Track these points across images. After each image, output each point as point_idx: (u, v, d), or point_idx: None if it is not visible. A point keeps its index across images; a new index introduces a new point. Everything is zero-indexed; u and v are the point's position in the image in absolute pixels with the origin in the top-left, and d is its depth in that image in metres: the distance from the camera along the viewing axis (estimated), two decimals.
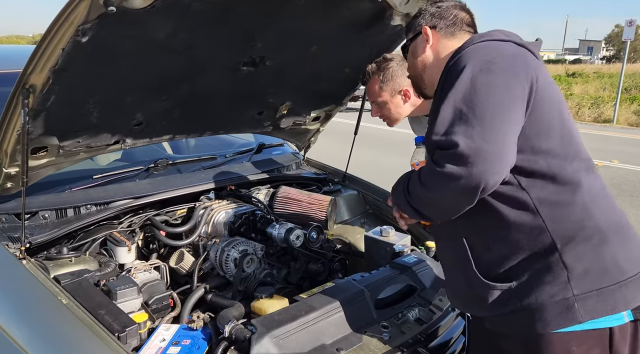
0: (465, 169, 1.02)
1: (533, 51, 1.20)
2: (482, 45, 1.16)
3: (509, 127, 1.06)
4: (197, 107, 1.86)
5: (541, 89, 1.12)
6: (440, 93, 1.15)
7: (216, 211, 1.93)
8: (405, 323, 1.52)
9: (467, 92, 1.07)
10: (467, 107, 1.06)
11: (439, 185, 1.09)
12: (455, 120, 1.07)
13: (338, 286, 1.60)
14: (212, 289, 1.69)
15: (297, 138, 2.54)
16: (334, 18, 1.74)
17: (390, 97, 1.72)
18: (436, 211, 1.20)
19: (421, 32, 1.34)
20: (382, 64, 1.76)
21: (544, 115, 1.13)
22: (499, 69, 1.09)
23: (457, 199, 1.10)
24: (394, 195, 1.30)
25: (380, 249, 1.94)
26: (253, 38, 1.64)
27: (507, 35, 1.22)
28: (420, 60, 1.35)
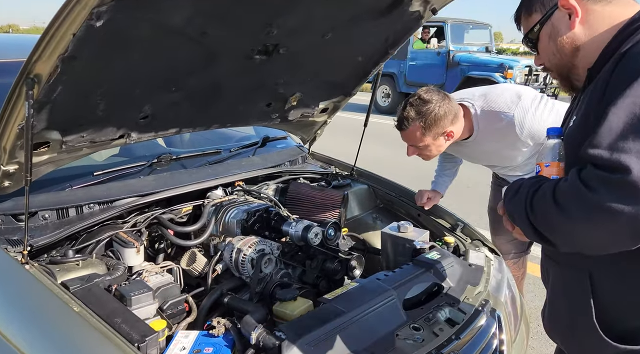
0: (632, 207, 0.76)
1: None
2: None
3: None
4: (206, 99, 1.75)
5: None
6: (608, 87, 0.86)
7: (227, 208, 1.83)
8: (436, 324, 1.45)
9: None
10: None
11: (584, 216, 0.82)
12: (630, 132, 0.78)
13: (364, 286, 1.53)
14: (228, 292, 1.59)
15: (303, 130, 2.45)
16: (354, 3, 1.65)
17: (433, 141, 1.59)
18: (569, 244, 0.91)
19: (558, 6, 0.99)
20: (422, 107, 1.59)
21: None
22: None
23: (607, 239, 0.83)
24: (510, 204, 1.00)
25: (398, 246, 1.87)
26: (270, 23, 1.53)
27: None
28: (568, 42, 1.00)
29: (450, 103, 1.61)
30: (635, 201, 0.76)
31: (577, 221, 0.84)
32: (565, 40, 1.01)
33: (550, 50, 1.05)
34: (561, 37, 1.01)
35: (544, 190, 0.90)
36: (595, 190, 0.80)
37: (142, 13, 1.16)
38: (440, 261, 1.68)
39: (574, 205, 0.83)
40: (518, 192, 0.97)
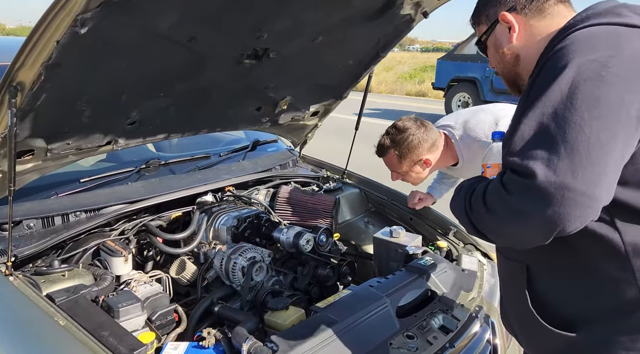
0: (538, 208, 0.82)
1: None
2: (595, 32, 0.88)
3: (611, 161, 0.82)
4: (195, 104, 1.73)
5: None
6: (526, 96, 0.91)
7: (217, 214, 1.80)
8: (430, 331, 1.44)
9: (562, 105, 0.83)
10: (558, 126, 0.82)
11: (503, 215, 0.88)
12: (537, 140, 0.84)
13: (356, 294, 1.51)
14: (218, 301, 1.57)
15: (294, 134, 2.42)
16: (342, 7, 1.62)
17: (409, 168, 1.61)
18: (500, 239, 0.99)
19: (498, 21, 1.07)
20: (397, 136, 1.64)
21: None
22: (614, 78, 0.82)
23: (523, 236, 0.90)
24: (454, 203, 1.05)
25: (391, 251, 1.86)
26: (260, 28, 1.51)
27: (637, 12, 0.91)
28: (509, 53, 1.08)
29: (426, 132, 1.63)
30: (540, 202, 0.82)
31: (500, 220, 0.90)
32: (507, 52, 1.09)
33: (495, 59, 1.13)
34: (502, 48, 1.09)
35: (478, 191, 0.96)
36: (511, 193, 0.86)
37: (128, 19, 1.13)
38: (434, 267, 1.67)
39: (497, 206, 0.90)
40: (459, 193, 1.04)
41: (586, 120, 0.81)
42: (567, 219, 0.81)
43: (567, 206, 0.80)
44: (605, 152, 0.81)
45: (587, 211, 0.81)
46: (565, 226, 0.82)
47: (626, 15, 0.91)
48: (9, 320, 1.24)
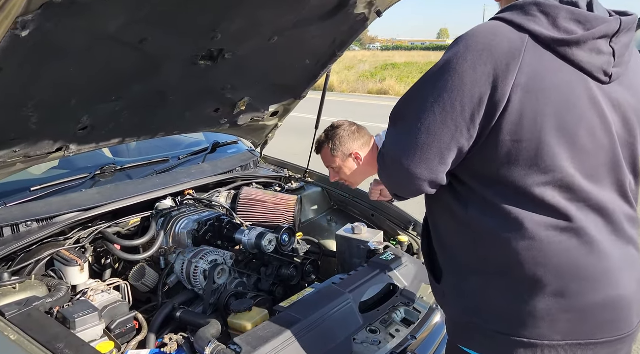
0: (384, 172, 1.04)
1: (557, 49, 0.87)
2: (486, 28, 0.91)
3: (436, 149, 0.92)
4: (150, 107, 1.69)
5: (516, 113, 0.86)
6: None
7: (176, 219, 1.77)
8: (393, 324, 1.47)
9: (422, 90, 0.94)
10: (412, 108, 0.96)
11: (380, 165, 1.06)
12: (399, 115, 1.00)
13: (319, 292, 1.52)
14: (180, 306, 1.54)
15: (254, 135, 2.41)
16: (297, 8, 1.63)
17: (342, 162, 1.70)
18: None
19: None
20: (330, 132, 1.74)
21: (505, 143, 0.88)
22: (463, 79, 0.87)
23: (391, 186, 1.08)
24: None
25: (353, 248, 1.88)
26: (213, 29, 1.49)
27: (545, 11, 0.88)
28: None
29: (358, 131, 1.75)
30: (384, 168, 1.03)
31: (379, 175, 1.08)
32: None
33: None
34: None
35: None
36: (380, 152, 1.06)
37: (73, 21, 1.10)
38: (395, 261, 1.70)
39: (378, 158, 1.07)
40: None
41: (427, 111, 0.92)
42: (399, 186, 1.03)
43: (398, 176, 0.99)
44: (432, 141, 0.92)
45: (412, 184, 0.97)
46: (399, 191, 1.04)
47: (531, 15, 0.89)
48: None
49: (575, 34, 0.88)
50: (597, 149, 0.91)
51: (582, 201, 0.91)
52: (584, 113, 0.89)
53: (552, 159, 0.88)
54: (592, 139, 0.90)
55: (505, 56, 0.86)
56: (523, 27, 0.88)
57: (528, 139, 0.87)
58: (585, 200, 0.91)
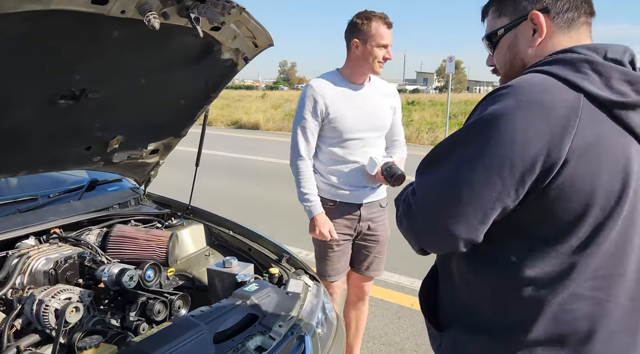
0: (410, 224, 0.95)
1: (613, 111, 0.83)
2: (536, 82, 0.85)
3: (479, 205, 0.85)
4: (5, 145, 1.67)
5: (570, 177, 0.82)
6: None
7: (34, 258, 1.73)
8: (245, 352, 1.52)
9: (464, 142, 0.87)
10: (451, 158, 0.89)
11: (400, 217, 0.99)
12: (434, 163, 0.93)
13: (174, 324, 1.55)
14: (27, 348, 1.50)
15: (135, 172, 2.42)
16: (160, 52, 1.72)
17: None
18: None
19: (527, 19, 0.95)
20: None
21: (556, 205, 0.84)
22: (515, 136, 0.81)
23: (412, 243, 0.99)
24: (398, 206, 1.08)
25: (224, 281, 1.93)
26: (71, 70, 1.54)
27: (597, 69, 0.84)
28: (521, 58, 0.98)
29: None
30: (411, 221, 0.94)
31: (398, 218, 1.00)
32: (520, 56, 0.99)
33: (504, 59, 1.03)
34: (518, 50, 0.99)
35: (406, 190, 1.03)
36: (403, 203, 0.98)
37: None
38: (257, 292, 1.77)
39: (402, 211, 0.99)
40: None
41: (472, 164, 0.85)
42: (426, 242, 0.94)
43: (427, 232, 0.92)
44: (475, 198, 0.85)
45: (445, 241, 0.90)
46: (427, 247, 0.95)
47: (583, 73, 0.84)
48: None
49: (629, 95, 0.83)
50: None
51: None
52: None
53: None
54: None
55: (562, 117, 0.81)
56: (578, 86, 0.83)
57: (576, 208, 0.84)
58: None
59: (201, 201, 2.58)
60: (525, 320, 0.89)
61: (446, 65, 13.38)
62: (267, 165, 9.14)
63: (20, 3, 1.15)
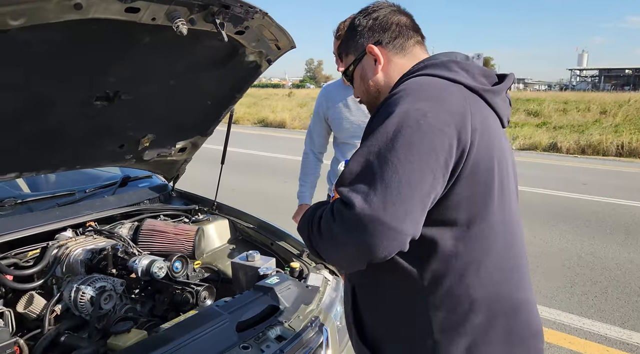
0: (354, 236, 0.90)
1: (488, 98, 1.04)
2: (424, 82, 1.01)
3: (418, 199, 0.91)
4: (47, 143, 1.80)
5: (475, 156, 0.96)
6: (365, 131, 1.01)
7: (72, 249, 1.85)
8: (266, 341, 1.60)
9: (385, 145, 0.92)
10: (379, 164, 0.92)
11: (328, 240, 0.96)
12: (362, 175, 0.93)
13: (200, 313, 1.64)
14: (66, 331, 1.62)
15: (164, 169, 2.54)
16: (188, 55, 1.81)
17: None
18: (328, 260, 1.04)
19: (366, 53, 1.16)
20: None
21: (468, 185, 0.97)
22: (429, 126, 0.92)
23: (344, 260, 0.99)
24: (300, 223, 1.11)
25: (246, 274, 2.01)
26: (105, 73, 1.64)
27: (465, 69, 1.04)
28: (373, 85, 1.17)
29: None
30: (354, 230, 0.90)
31: (326, 242, 0.98)
32: (371, 84, 1.18)
33: (361, 89, 1.22)
34: (368, 79, 1.18)
35: (318, 214, 1.03)
36: (335, 220, 0.94)
37: None
38: (279, 285, 1.84)
39: (325, 230, 0.97)
40: (305, 214, 1.11)
41: (402, 162, 0.90)
42: (376, 248, 0.89)
43: (377, 236, 0.88)
44: (414, 192, 0.90)
45: (394, 243, 0.90)
46: (375, 254, 0.90)
47: (455, 71, 1.04)
48: None
49: (488, 85, 1.06)
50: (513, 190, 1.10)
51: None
52: (508, 156, 1.07)
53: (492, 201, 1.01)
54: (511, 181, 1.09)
55: (459, 105, 0.96)
56: (455, 80, 1.01)
57: (483, 182, 0.98)
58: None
59: (227, 197, 2.68)
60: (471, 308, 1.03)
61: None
62: (293, 163, 9.26)
63: (61, 13, 1.25)
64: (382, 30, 1.15)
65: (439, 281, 1.02)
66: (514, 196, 1.11)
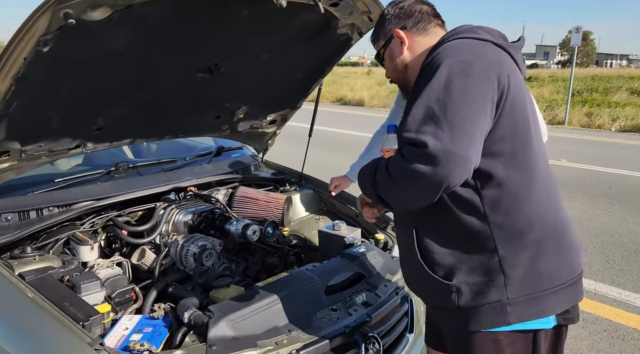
0: (431, 169, 1.06)
1: (512, 53, 1.24)
2: (460, 43, 1.19)
3: (477, 131, 1.09)
4: (156, 112, 1.96)
5: (511, 96, 1.15)
6: (415, 89, 1.18)
7: (176, 210, 2.03)
8: (353, 305, 1.66)
9: (441, 93, 1.10)
10: (440, 108, 1.08)
11: (404, 179, 1.12)
12: (426, 119, 1.09)
13: (291, 275, 1.73)
14: (173, 283, 1.79)
15: (255, 141, 2.66)
16: (282, 28, 1.87)
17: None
18: (398, 201, 1.24)
19: (393, 36, 1.37)
20: None
21: (510, 121, 1.16)
22: (475, 73, 1.11)
23: (419, 194, 1.14)
24: (361, 182, 1.31)
25: (332, 242, 2.08)
26: (207, 46, 1.76)
27: (488, 32, 1.24)
28: (400, 62, 1.37)
29: None
30: (431, 164, 1.06)
31: (400, 183, 1.15)
32: (398, 61, 1.38)
33: (390, 68, 1.43)
34: (396, 58, 1.39)
35: (381, 166, 1.21)
36: (408, 160, 1.10)
37: (85, 40, 1.38)
38: (365, 254, 1.89)
39: (396, 171, 1.14)
40: (365, 172, 1.29)
41: (459, 104, 1.09)
42: (451, 176, 1.07)
43: (450, 166, 1.06)
44: (473, 127, 1.09)
45: (464, 170, 1.08)
46: (451, 181, 1.07)
47: (481, 33, 1.25)
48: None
49: (509, 43, 1.26)
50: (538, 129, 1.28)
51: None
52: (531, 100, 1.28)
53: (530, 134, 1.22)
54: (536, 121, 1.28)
55: (494, 56, 1.18)
56: (485, 39, 1.22)
57: (520, 118, 1.19)
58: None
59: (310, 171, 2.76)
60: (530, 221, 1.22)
61: (571, 36, 12.21)
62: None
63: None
64: (407, 17, 1.36)
65: (497, 204, 1.19)
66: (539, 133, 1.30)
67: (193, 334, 1.44)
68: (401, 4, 1.38)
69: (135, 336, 1.46)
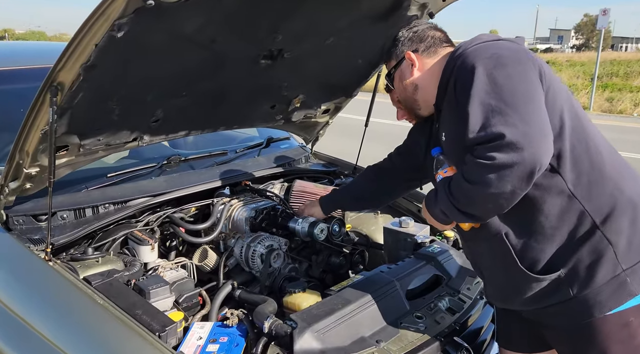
0: (518, 155, 1.03)
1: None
2: (480, 47, 1.21)
3: (540, 105, 1.10)
4: (214, 102, 1.84)
5: (548, 76, 1.18)
6: (457, 96, 1.18)
7: (235, 207, 1.90)
8: (438, 312, 1.54)
9: (489, 86, 1.10)
10: (495, 99, 1.08)
11: (492, 177, 1.06)
12: (488, 114, 1.08)
13: (368, 278, 1.61)
14: (239, 286, 1.67)
15: (306, 131, 2.53)
16: (352, 10, 1.73)
17: None
18: (489, 206, 1.15)
19: (404, 58, 1.41)
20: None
21: (556, 99, 1.17)
22: (510, 61, 1.13)
23: (513, 187, 1.07)
24: (436, 205, 1.25)
25: (400, 241, 1.95)
26: (275, 30, 1.61)
27: (498, 38, 1.28)
28: (410, 83, 1.42)
29: None
30: (516, 150, 1.03)
31: (489, 184, 1.08)
32: (407, 82, 1.43)
33: (400, 88, 1.47)
34: (405, 79, 1.43)
35: (455, 180, 1.19)
36: (492, 157, 1.06)
37: (157, 23, 1.24)
38: (441, 254, 1.76)
39: (480, 175, 1.09)
40: (437, 195, 1.25)
41: (511, 88, 1.09)
42: (539, 154, 1.04)
43: (534, 144, 1.03)
44: (535, 105, 1.09)
45: (549, 146, 1.07)
46: (541, 160, 1.04)
47: (490, 37, 1.27)
48: (52, 300, 1.36)
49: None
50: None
51: None
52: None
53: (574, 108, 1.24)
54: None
55: (514, 45, 1.21)
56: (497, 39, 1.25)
57: (560, 96, 1.20)
58: None
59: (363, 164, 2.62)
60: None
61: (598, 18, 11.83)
62: None
63: None
64: (419, 41, 1.41)
65: (578, 177, 1.18)
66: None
67: (275, 345, 1.32)
68: (415, 28, 1.44)
69: (212, 347, 1.35)
